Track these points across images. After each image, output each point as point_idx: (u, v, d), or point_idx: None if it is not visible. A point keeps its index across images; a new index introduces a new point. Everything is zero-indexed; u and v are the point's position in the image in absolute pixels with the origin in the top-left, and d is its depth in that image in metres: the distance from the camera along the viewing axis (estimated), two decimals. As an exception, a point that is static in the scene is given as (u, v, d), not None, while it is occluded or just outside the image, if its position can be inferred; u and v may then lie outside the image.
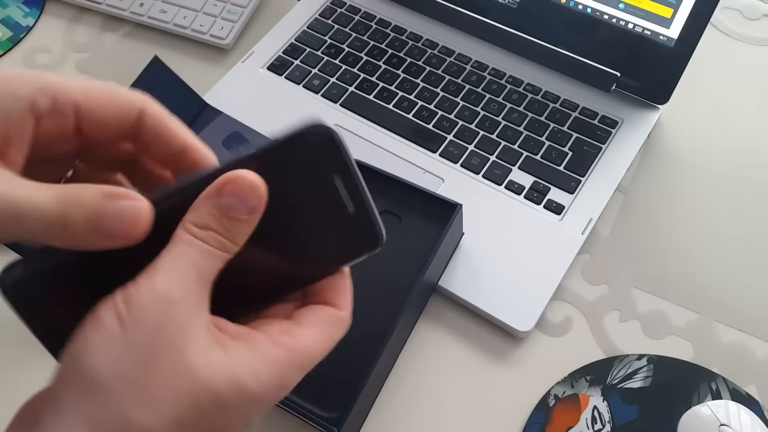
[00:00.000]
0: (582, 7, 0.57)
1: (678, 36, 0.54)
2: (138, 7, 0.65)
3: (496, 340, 0.47)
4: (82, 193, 0.22)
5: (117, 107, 0.24)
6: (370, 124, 0.57)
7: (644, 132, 0.56)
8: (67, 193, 0.21)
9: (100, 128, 0.24)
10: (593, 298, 0.49)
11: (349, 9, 0.65)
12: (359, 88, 0.59)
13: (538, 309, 0.47)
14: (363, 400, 0.42)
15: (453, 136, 0.56)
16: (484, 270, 0.48)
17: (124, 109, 0.24)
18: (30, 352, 0.47)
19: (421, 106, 0.58)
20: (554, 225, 0.51)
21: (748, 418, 0.39)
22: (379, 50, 0.62)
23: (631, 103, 0.57)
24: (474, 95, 0.58)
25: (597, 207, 0.51)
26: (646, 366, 0.45)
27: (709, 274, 0.50)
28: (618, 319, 0.48)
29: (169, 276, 0.22)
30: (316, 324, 0.25)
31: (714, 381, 0.44)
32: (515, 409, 0.44)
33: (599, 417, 0.43)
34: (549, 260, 0.49)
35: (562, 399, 0.44)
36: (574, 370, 0.45)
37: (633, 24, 0.55)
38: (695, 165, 0.55)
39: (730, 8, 0.65)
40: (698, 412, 0.40)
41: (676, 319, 0.48)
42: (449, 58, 0.61)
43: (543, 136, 0.55)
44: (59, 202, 0.21)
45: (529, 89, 0.58)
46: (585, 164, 0.54)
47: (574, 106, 0.57)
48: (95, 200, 0.22)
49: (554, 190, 0.52)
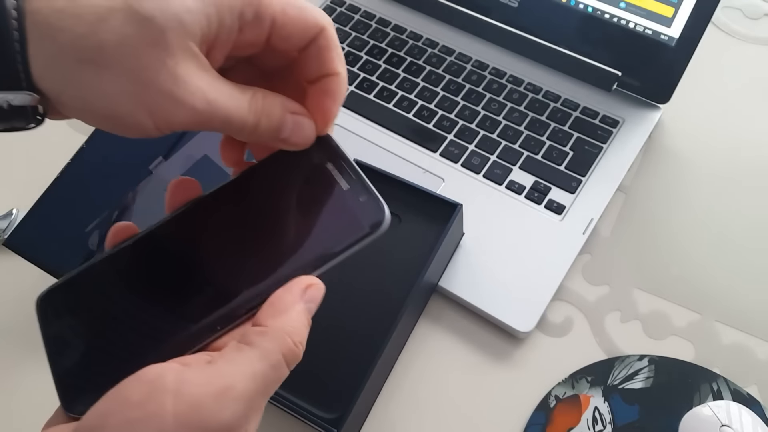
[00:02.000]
0: (583, 6, 0.56)
1: (679, 35, 0.53)
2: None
3: (496, 340, 0.47)
4: (272, 108, 0.26)
5: (306, 23, 0.26)
6: (370, 124, 0.57)
7: (645, 131, 0.56)
8: (261, 104, 0.26)
9: (285, 40, 0.27)
10: (594, 298, 0.49)
11: (349, 8, 0.64)
12: (359, 87, 0.59)
13: (539, 309, 0.46)
14: (363, 401, 0.42)
15: (453, 135, 0.56)
16: (484, 270, 0.48)
17: (309, 26, 0.26)
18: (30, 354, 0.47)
19: (422, 106, 0.57)
20: (555, 225, 0.50)
21: (750, 419, 0.39)
22: (379, 49, 0.61)
23: (632, 103, 0.57)
24: (474, 95, 0.58)
25: (598, 207, 0.51)
26: (647, 366, 0.45)
27: (711, 274, 0.50)
28: (619, 320, 0.48)
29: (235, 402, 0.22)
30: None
31: (715, 381, 0.44)
32: (516, 410, 0.44)
33: (600, 418, 0.43)
34: (550, 260, 0.48)
35: (562, 400, 0.44)
36: (575, 371, 0.45)
37: (634, 23, 0.55)
38: (696, 164, 0.55)
39: (731, 7, 0.65)
40: (699, 413, 0.40)
41: (677, 320, 0.48)
42: (449, 58, 0.60)
43: (544, 136, 0.55)
44: (255, 112, 0.26)
45: (529, 89, 0.58)
46: (586, 164, 0.53)
47: (575, 105, 0.57)
48: (280, 113, 0.26)
49: (555, 189, 0.52)
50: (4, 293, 0.50)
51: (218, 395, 0.21)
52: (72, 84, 0.23)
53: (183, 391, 0.21)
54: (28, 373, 0.46)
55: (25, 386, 0.46)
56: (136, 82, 0.23)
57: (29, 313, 0.48)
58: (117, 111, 0.24)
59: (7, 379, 0.46)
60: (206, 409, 0.21)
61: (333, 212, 0.26)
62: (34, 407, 0.45)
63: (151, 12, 0.23)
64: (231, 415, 0.21)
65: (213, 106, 0.24)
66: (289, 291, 0.25)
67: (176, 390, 0.21)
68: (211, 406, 0.21)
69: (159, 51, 0.23)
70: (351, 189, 0.26)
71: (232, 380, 0.22)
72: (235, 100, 0.25)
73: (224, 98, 0.25)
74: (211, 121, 0.25)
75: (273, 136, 0.27)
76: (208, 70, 0.25)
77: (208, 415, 0.21)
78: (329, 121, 0.28)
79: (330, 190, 0.26)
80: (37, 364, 0.47)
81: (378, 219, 0.25)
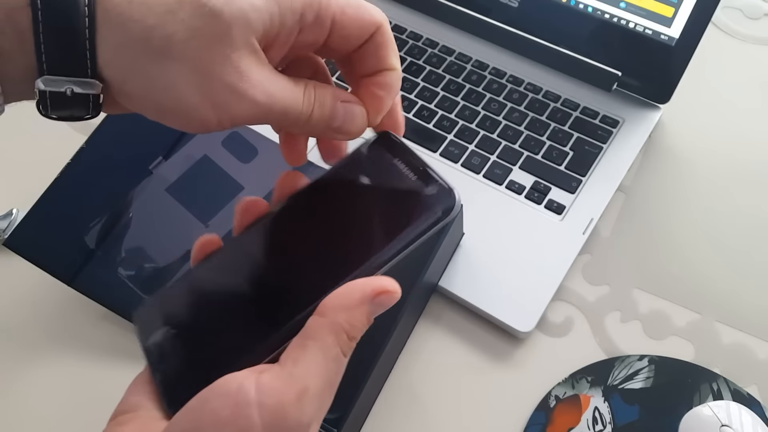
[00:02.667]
0: (583, 6, 0.56)
1: (679, 35, 0.53)
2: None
3: (496, 340, 0.47)
4: (324, 98, 0.27)
5: (363, 22, 0.27)
6: (371, 124, 0.57)
7: (645, 131, 0.56)
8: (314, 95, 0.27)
9: (344, 40, 0.27)
10: (594, 298, 0.49)
11: (349, 8, 0.64)
12: (359, 87, 0.59)
13: (539, 309, 0.46)
14: (363, 401, 0.42)
15: (453, 135, 0.56)
16: (484, 270, 0.48)
17: (367, 25, 0.27)
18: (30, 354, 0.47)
19: (422, 106, 0.57)
20: (555, 225, 0.50)
21: (750, 419, 0.39)
22: (380, 49, 0.61)
23: (632, 103, 0.57)
24: (474, 95, 0.58)
25: (598, 207, 0.51)
26: (647, 366, 0.45)
27: (711, 274, 0.50)
28: (619, 320, 0.48)
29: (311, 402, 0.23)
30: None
31: (715, 381, 0.44)
32: (516, 410, 0.44)
33: (600, 418, 0.43)
34: (550, 260, 0.48)
35: (563, 400, 0.44)
36: (575, 371, 0.45)
37: (634, 23, 0.55)
38: (696, 164, 0.55)
39: (731, 7, 0.65)
40: (699, 413, 0.40)
41: (678, 320, 0.48)
42: (450, 57, 0.60)
43: (544, 136, 0.55)
44: (309, 103, 0.26)
45: (529, 88, 0.58)
46: (586, 164, 0.53)
47: (575, 105, 0.57)
48: (331, 102, 0.27)
49: (555, 189, 0.52)
50: (4, 293, 0.49)
51: (297, 399, 0.22)
52: (138, 74, 0.23)
53: (265, 402, 0.22)
54: (27, 373, 0.46)
55: (25, 386, 0.46)
56: (201, 74, 0.23)
57: (29, 313, 0.48)
58: (181, 103, 0.24)
59: (6, 379, 0.46)
60: (289, 414, 0.22)
61: (406, 202, 0.27)
62: (33, 407, 0.45)
63: (220, 7, 0.23)
64: (310, 415, 0.23)
65: (272, 99, 0.25)
66: (361, 288, 0.25)
67: (259, 401, 0.22)
68: (293, 411, 0.22)
69: (224, 46, 0.23)
70: (420, 179, 0.27)
71: (305, 382, 0.23)
72: (291, 92, 0.26)
73: (282, 91, 0.25)
74: (270, 114, 0.25)
75: (326, 125, 0.27)
76: (266, 65, 0.25)
77: (291, 419, 0.22)
78: (381, 112, 0.29)
79: (401, 183, 0.27)
80: (36, 364, 0.47)
81: (449, 204, 0.26)
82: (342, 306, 0.24)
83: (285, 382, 0.22)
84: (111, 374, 0.45)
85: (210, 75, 0.24)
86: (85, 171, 0.47)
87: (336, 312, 0.24)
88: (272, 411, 0.22)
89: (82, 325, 0.48)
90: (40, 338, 0.47)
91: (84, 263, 0.46)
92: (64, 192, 0.47)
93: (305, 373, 0.23)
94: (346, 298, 0.24)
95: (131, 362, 0.46)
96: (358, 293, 0.24)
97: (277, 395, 0.22)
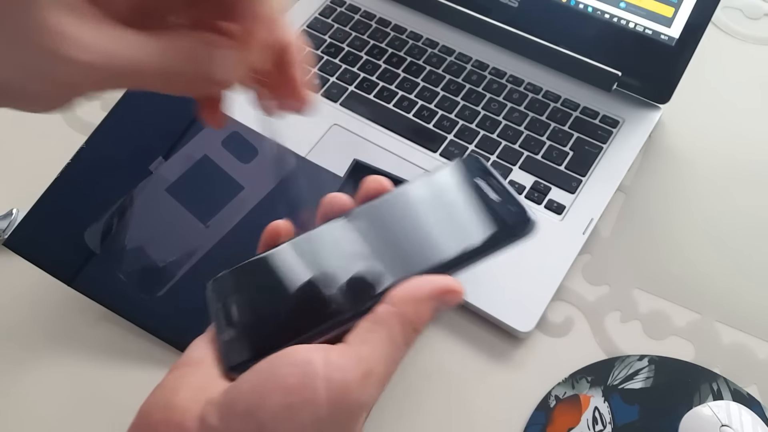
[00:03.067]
0: (583, 6, 0.56)
1: (679, 35, 0.53)
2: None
3: (496, 340, 0.47)
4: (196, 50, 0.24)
5: None
6: (370, 124, 0.57)
7: (645, 131, 0.56)
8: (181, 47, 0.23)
9: None
10: (594, 298, 0.49)
11: (348, 8, 0.64)
12: (359, 87, 0.59)
13: (539, 309, 0.46)
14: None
15: (453, 135, 0.56)
16: (484, 270, 0.48)
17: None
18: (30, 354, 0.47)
19: (422, 106, 0.57)
20: (555, 225, 0.50)
21: (750, 419, 0.39)
22: (379, 49, 0.61)
23: (632, 103, 0.57)
24: (474, 95, 0.58)
25: (598, 207, 0.51)
26: (647, 366, 0.45)
27: (711, 274, 0.50)
28: (619, 320, 0.48)
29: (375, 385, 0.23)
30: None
31: (715, 381, 0.44)
32: (516, 410, 0.44)
33: (600, 418, 0.43)
34: (550, 260, 0.48)
35: (562, 400, 0.44)
36: (574, 371, 0.45)
37: (634, 23, 0.55)
38: (696, 164, 0.55)
39: (731, 7, 0.65)
40: (699, 413, 0.40)
41: (677, 320, 0.48)
42: (449, 57, 0.60)
43: (544, 136, 0.55)
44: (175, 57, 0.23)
45: (529, 89, 0.58)
46: (586, 164, 0.53)
47: (575, 105, 0.57)
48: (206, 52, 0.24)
49: (555, 189, 0.52)
50: (4, 293, 0.49)
51: (362, 380, 0.22)
52: None
53: (333, 377, 0.22)
54: (28, 373, 0.46)
55: (25, 386, 0.46)
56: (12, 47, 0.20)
57: (29, 312, 0.48)
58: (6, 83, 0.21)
59: (7, 379, 0.46)
60: (353, 393, 0.22)
61: (483, 217, 0.28)
62: (34, 407, 0.45)
63: None
64: (370, 397, 0.23)
65: (112, 57, 0.22)
66: (431, 283, 0.25)
67: (326, 375, 0.22)
68: (357, 390, 0.22)
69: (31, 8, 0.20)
70: (500, 198, 0.29)
71: (371, 364, 0.23)
72: (144, 47, 0.23)
73: (128, 48, 0.22)
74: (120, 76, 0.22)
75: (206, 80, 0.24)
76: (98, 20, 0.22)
77: (354, 398, 0.22)
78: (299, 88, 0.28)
79: (481, 200, 0.29)
80: (36, 363, 0.47)
81: (525, 224, 0.28)
82: (411, 297, 0.24)
83: (352, 361, 0.23)
84: (110, 374, 0.45)
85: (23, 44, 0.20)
86: (85, 171, 0.47)
87: (405, 302, 0.24)
88: (337, 387, 0.22)
89: (81, 325, 0.48)
90: (40, 338, 0.47)
91: (84, 263, 0.46)
92: (64, 192, 0.47)
93: (371, 356, 0.23)
94: (415, 290, 0.25)
95: (130, 362, 0.46)
96: (428, 287, 0.25)
97: (343, 372, 0.22)
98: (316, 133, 0.56)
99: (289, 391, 0.22)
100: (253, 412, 0.22)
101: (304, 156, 0.53)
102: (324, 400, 0.22)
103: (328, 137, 0.56)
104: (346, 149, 0.55)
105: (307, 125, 0.56)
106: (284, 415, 0.22)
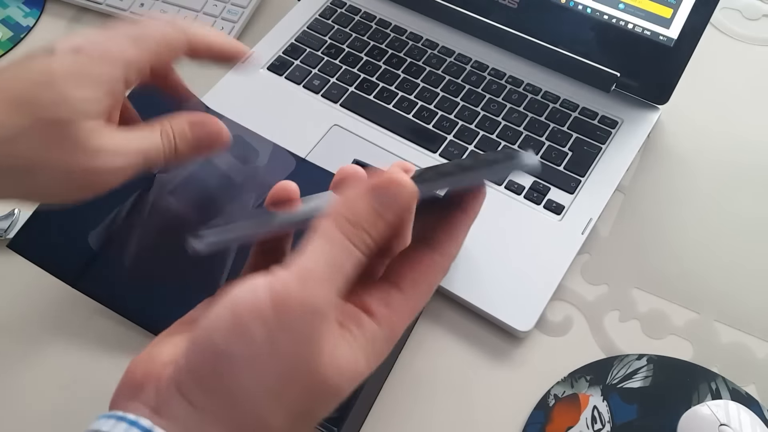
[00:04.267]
0: (582, 7, 0.57)
1: (678, 36, 0.54)
2: (138, 8, 0.65)
3: (495, 340, 0.47)
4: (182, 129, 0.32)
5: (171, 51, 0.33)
6: (370, 124, 0.57)
7: (644, 132, 0.56)
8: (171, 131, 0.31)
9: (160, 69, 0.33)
10: (593, 297, 0.49)
11: (349, 9, 0.65)
12: (359, 88, 0.59)
13: (538, 309, 0.47)
14: (363, 401, 0.42)
15: (453, 136, 0.56)
16: (484, 270, 0.48)
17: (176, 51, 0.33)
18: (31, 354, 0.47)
19: (421, 106, 0.58)
20: (554, 225, 0.51)
21: (748, 418, 0.40)
22: (379, 50, 0.62)
23: (630, 104, 0.57)
24: (474, 95, 0.58)
25: (597, 207, 0.51)
26: (645, 366, 0.45)
27: (709, 273, 0.50)
28: (618, 319, 0.48)
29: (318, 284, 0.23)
30: (416, 283, 0.26)
31: (714, 381, 0.44)
32: (515, 409, 0.44)
33: (599, 417, 0.43)
34: (549, 260, 0.49)
35: (561, 399, 0.44)
36: (573, 370, 0.45)
37: (633, 24, 0.55)
38: (695, 165, 0.55)
39: (729, 8, 0.65)
40: (698, 412, 0.40)
41: (676, 319, 0.48)
42: (449, 59, 0.61)
43: (543, 137, 0.55)
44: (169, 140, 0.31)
45: (528, 89, 0.58)
46: (585, 164, 0.54)
47: (573, 106, 0.57)
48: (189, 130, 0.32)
49: (554, 190, 0.52)
50: (5, 293, 0.50)
51: (301, 280, 0.22)
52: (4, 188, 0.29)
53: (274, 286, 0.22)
54: (28, 373, 0.46)
55: (26, 386, 0.46)
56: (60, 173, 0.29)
57: (30, 312, 0.49)
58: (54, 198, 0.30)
59: (7, 379, 0.46)
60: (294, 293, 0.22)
61: None
62: (34, 406, 0.45)
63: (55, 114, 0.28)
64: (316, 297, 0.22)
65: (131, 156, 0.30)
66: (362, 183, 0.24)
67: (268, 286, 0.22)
68: (298, 290, 0.22)
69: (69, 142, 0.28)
70: None
71: (308, 264, 0.23)
72: (146, 139, 0.30)
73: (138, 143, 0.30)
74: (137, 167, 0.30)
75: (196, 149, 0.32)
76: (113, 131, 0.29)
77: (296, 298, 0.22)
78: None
79: None
80: (37, 363, 0.47)
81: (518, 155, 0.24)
82: (342, 199, 0.24)
83: (291, 268, 0.23)
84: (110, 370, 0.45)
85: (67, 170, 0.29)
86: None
87: (336, 206, 0.24)
88: (279, 291, 0.22)
89: (80, 324, 0.48)
90: (40, 337, 0.48)
91: (88, 265, 0.46)
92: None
93: (308, 258, 0.23)
94: (346, 192, 0.24)
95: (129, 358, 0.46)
96: (360, 186, 0.24)
97: (282, 279, 0.22)
98: (316, 134, 0.56)
99: (237, 311, 0.22)
100: (209, 340, 0.22)
101: (304, 157, 0.53)
102: (269, 309, 0.22)
103: (328, 138, 0.56)
104: (346, 150, 0.55)
105: (307, 126, 0.56)
106: (236, 332, 0.22)
